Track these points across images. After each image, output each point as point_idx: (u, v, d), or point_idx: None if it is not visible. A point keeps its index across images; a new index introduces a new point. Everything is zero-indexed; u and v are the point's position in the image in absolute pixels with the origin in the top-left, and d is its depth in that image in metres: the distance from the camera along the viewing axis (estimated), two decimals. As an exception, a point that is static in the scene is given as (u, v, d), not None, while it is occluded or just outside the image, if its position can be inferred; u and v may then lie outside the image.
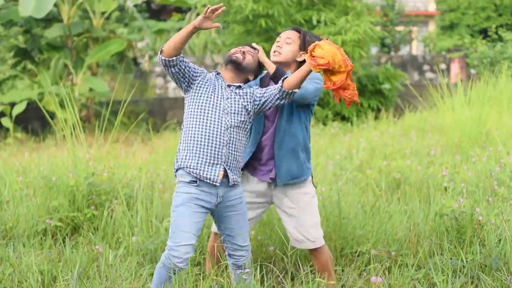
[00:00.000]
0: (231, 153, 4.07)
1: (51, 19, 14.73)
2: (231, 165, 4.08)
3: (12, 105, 14.54)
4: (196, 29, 3.98)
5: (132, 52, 21.36)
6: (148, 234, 5.47)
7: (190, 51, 20.97)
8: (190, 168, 4.02)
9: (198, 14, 22.42)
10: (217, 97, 4.11)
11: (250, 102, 4.16)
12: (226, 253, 4.30)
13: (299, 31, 4.36)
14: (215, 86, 4.15)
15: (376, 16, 15.75)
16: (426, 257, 4.75)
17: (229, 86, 4.17)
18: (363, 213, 5.62)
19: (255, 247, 5.04)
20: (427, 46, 26.04)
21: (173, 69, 4.07)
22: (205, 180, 4.01)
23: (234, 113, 4.10)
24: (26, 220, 5.81)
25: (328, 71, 3.86)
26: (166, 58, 4.04)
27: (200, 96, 4.11)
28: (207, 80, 4.16)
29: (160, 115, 15.86)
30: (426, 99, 13.05)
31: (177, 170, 4.12)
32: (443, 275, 4.25)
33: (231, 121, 4.07)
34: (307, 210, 4.33)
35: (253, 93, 4.19)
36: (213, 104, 4.08)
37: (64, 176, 6.30)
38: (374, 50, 23.79)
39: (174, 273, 3.99)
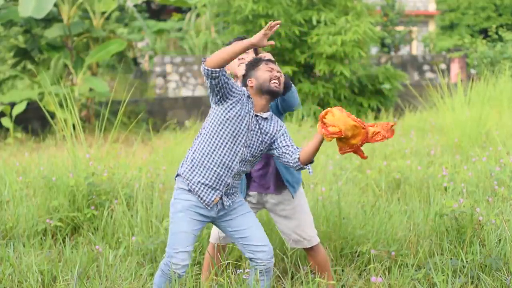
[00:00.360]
0: (234, 182, 4.02)
1: (51, 19, 14.73)
2: (229, 191, 4.03)
3: (12, 105, 14.54)
4: (253, 46, 3.84)
5: (132, 52, 21.38)
6: (148, 234, 5.47)
7: (190, 51, 20.98)
8: (191, 182, 3.97)
9: (198, 14, 22.44)
10: (243, 127, 3.92)
11: (268, 143, 4.00)
12: (248, 258, 4.17)
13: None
14: (245, 113, 3.93)
15: (376, 16, 15.75)
16: (426, 257, 4.75)
17: (256, 115, 3.97)
18: (363, 213, 5.62)
19: (255, 247, 5.04)
20: (427, 46, 26.04)
21: (213, 81, 3.83)
22: (199, 199, 3.99)
23: (252, 147, 3.96)
24: (26, 220, 5.81)
25: (342, 139, 3.79)
26: (209, 69, 3.79)
27: (228, 119, 3.90)
28: (241, 103, 3.92)
29: (160, 115, 15.87)
30: (426, 99, 13.05)
31: (177, 175, 4.07)
32: (443, 275, 4.25)
33: (246, 155, 3.96)
34: (302, 209, 4.36)
35: (274, 136, 4.01)
36: (237, 134, 3.91)
37: (64, 176, 6.30)
38: (374, 50, 23.79)
39: (175, 280, 3.97)
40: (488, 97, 11.07)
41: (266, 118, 4.00)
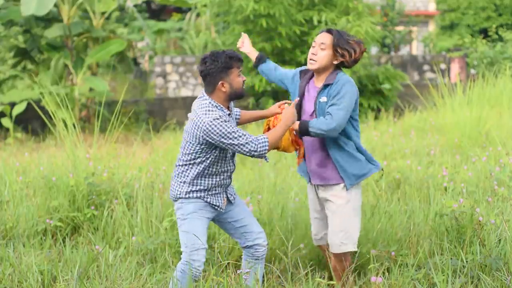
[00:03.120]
0: (231, 179, 4.32)
1: (51, 19, 14.74)
2: (230, 187, 4.31)
3: (12, 105, 14.54)
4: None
5: (132, 52, 21.38)
6: (148, 234, 5.46)
7: (190, 51, 20.98)
8: (198, 197, 4.18)
9: (198, 14, 22.44)
10: None
11: None
12: (243, 247, 4.35)
13: (332, 33, 4.25)
14: None
15: (377, 16, 15.75)
16: (426, 257, 4.75)
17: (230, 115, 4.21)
18: (363, 213, 5.62)
19: (255, 247, 5.04)
20: (427, 46, 26.04)
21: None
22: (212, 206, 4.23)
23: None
24: (26, 220, 5.81)
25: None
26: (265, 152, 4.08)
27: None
28: None
29: (160, 115, 15.87)
30: (426, 99, 13.05)
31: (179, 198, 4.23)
32: (443, 275, 4.25)
33: (233, 153, 4.26)
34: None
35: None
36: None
37: (64, 176, 6.30)
38: (374, 50, 23.78)
39: (196, 281, 4.06)
40: (488, 97, 11.07)
41: (231, 111, 4.23)
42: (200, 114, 3.97)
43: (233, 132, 3.91)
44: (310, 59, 4.23)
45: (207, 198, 4.14)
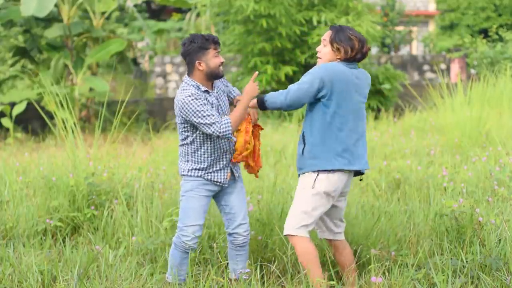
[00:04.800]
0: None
1: (51, 19, 14.74)
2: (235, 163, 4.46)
3: (12, 105, 14.54)
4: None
5: (132, 52, 21.38)
6: (148, 234, 5.47)
7: (190, 51, 20.95)
8: (199, 174, 4.38)
9: (198, 14, 22.44)
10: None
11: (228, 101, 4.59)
12: (227, 233, 4.55)
13: (332, 29, 4.32)
14: (214, 106, 4.40)
15: (377, 16, 15.75)
16: (426, 257, 4.75)
17: (209, 93, 4.37)
18: (363, 213, 5.62)
19: (255, 247, 5.04)
20: (427, 46, 26.04)
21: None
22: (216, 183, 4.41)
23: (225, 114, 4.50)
24: (26, 220, 5.81)
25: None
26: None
27: None
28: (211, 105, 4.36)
29: (160, 115, 15.86)
30: (426, 99, 13.05)
31: (182, 175, 4.46)
32: (443, 275, 4.25)
33: None
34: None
35: (227, 92, 4.59)
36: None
37: (64, 176, 6.30)
38: (374, 50, 23.79)
39: (187, 252, 4.40)
40: (488, 97, 11.06)
41: (214, 88, 4.38)
42: (177, 92, 4.29)
43: (202, 110, 4.13)
44: (317, 55, 4.36)
45: (207, 175, 4.36)
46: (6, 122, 13.99)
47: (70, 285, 4.51)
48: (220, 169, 4.37)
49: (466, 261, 4.55)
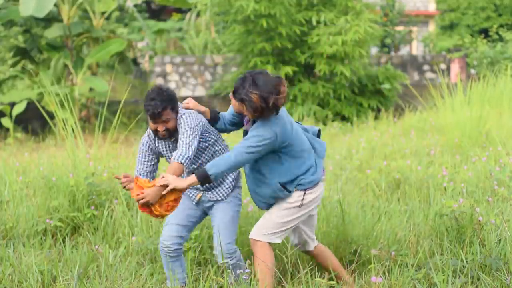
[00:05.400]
0: None
1: (51, 19, 14.74)
2: (210, 187, 4.40)
3: (12, 105, 14.54)
4: None
5: (132, 52, 21.39)
6: (148, 234, 5.46)
7: (190, 51, 20.97)
8: None
9: (198, 14, 22.44)
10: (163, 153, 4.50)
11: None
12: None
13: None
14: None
15: (376, 16, 15.75)
16: (426, 257, 4.75)
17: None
18: (363, 213, 5.62)
19: (255, 247, 5.03)
20: (427, 46, 26.03)
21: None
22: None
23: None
24: (26, 220, 5.80)
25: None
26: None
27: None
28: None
29: (160, 115, 15.83)
30: (426, 99, 13.04)
31: None
32: (443, 275, 4.25)
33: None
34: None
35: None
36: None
37: (64, 176, 6.29)
38: (374, 50, 23.78)
39: (170, 256, 4.41)
40: (488, 97, 11.06)
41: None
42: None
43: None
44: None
45: None
46: (6, 122, 13.99)
47: (70, 285, 4.51)
48: (191, 187, 4.38)
49: (466, 261, 4.55)
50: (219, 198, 4.42)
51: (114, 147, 8.19)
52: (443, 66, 19.85)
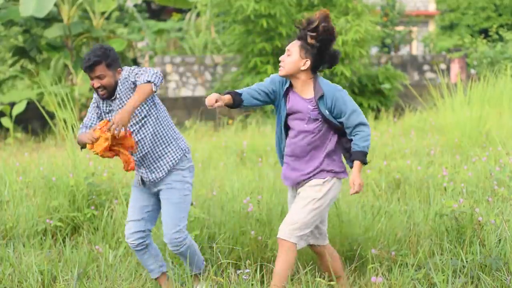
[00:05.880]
0: (144, 160, 4.38)
1: (51, 19, 14.75)
2: (149, 168, 4.37)
3: (12, 105, 14.54)
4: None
5: (132, 52, 21.38)
6: (148, 234, 5.46)
7: (190, 51, 20.98)
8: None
9: (198, 14, 22.44)
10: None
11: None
12: None
13: (300, 38, 4.18)
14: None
15: (376, 16, 15.77)
16: (426, 257, 4.75)
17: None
18: (363, 213, 5.62)
19: (255, 247, 5.04)
20: (427, 46, 26.04)
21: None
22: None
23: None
24: (26, 220, 5.80)
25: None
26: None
27: None
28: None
29: (160, 115, 15.84)
30: (426, 99, 13.05)
31: None
32: (443, 275, 4.25)
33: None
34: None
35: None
36: None
37: (64, 176, 6.29)
38: (374, 50, 23.79)
39: (136, 250, 4.47)
40: (488, 97, 11.06)
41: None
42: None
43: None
44: (279, 66, 4.24)
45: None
46: (6, 122, 13.99)
47: (70, 285, 4.51)
48: (136, 170, 4.41)
49: (466, 261, 4.55)
50: (157, 179, 4.35)
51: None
52: (443, 66, 19.85)
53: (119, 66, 4.27)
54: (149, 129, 4.30)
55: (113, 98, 4.28)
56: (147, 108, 4.26)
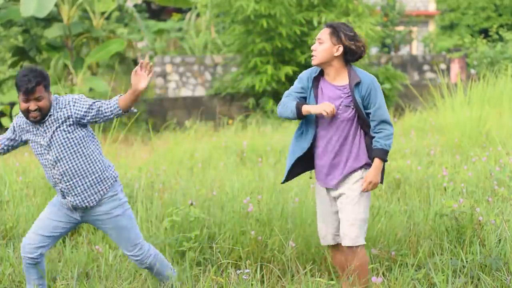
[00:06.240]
0: (68, 186, 4.18)
1: (51, 19, 14.75)
2: (74, 193, 4.17)
3: (12, 105, 14.54)
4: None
5: (132, 52, 21.37)
6: (148, 234, 5.46)
7: (190, 51, 20.97)
8: None
9: (198, 14, 22.44)
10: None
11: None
12: None
13: (330, 26, 4.19)
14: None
15: (377, 17, 15.77)
16: (426, 257, 4.75)
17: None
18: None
19: (255, 247, 5.04)
20: (427, 46, 26.03)
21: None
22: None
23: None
24: (26, 220, 5.80)
25: None
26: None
27: None
28: None
29: (160, 115, 15.86)
30: (426, 99, 13.05)
31: None
32: (443, 275, 4.25)
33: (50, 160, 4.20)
34: None
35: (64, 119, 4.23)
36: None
37: (64, 176, 6.28)
38: (374, 50, 23.78)
39: (27, 263, 4.25)
40: (488, 97, 11.06)
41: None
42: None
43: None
44: (312, 55, 4.23)
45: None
46: (6, 122, 13.99)
47: (70, 285, 4.51)
48: (58, 193, 4.23)
49: (466, 261, 4.55)
50: (87, 205, 4.19)
51: (114, 147, 8.18)
52: (443, 66, 19.84)
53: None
54: (76, 163, 4.15)
55: (43, 121, 4.09)
56: (76, 143, 4.14)
